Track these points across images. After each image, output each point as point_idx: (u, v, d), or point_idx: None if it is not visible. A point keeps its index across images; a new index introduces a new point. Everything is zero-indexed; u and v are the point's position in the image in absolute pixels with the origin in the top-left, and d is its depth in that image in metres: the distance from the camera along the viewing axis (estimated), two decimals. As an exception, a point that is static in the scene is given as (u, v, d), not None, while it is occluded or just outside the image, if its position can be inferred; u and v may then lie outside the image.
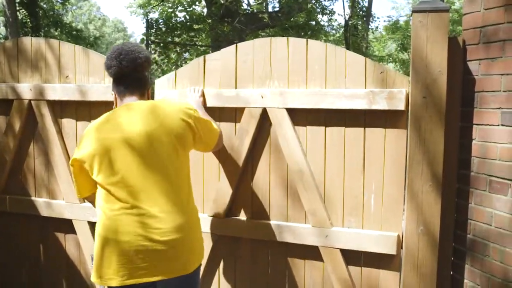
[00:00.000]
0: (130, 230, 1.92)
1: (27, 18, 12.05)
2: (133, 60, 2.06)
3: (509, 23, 2.00)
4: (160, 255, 1.92)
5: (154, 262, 1.92)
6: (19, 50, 2.95)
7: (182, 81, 2.63)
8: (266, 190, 2.52)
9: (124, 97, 2.10)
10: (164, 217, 1.93)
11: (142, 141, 1.96)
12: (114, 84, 2.13)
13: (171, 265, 1.94)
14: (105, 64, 2.11)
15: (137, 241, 1.91)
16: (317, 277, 2.50)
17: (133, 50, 2.08)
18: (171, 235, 1.93)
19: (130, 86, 2.09)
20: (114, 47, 2.13)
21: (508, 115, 2.02)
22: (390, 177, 2.32)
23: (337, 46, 2.38)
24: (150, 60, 2.16)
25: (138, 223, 1.92)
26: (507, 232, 2.05)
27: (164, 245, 1.92)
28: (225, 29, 10.24)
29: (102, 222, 1.99)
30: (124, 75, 2.08)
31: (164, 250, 1.92)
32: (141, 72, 2.12)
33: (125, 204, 1.94)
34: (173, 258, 1.94)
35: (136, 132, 1.97)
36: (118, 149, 1.96)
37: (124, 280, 1.92)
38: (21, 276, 3.10)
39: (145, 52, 2.12)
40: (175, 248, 1.93)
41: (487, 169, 2.13)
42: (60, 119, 2.90)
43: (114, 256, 1.93)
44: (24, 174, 3.03)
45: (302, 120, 2.41)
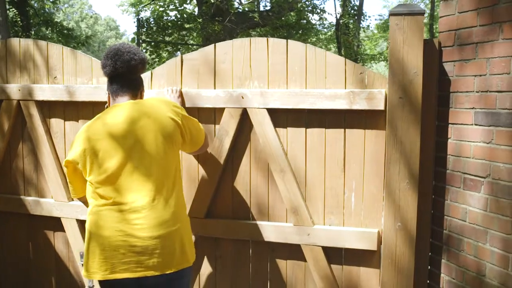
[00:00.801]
0: (111, 225, 1.99)
1: (17, 17, 12.01)
2: (127, 61, 2.11)
3: (481, 26, 2.07)
4: (141, 251, 1.96)
5: (135, 258, 1.97)
6: (7, 51, 2.99)
7: (159, 81, 2.66)
8: (247, 190, 2.57)
9: (116, 96, 2.16)
10: (146, 213, 1.98)
11: (128, 140, 2.02)
12: (108, 83, 2.19)
13: (153, 262, 1.97)
14: (101, 62, 2.18)
15: (118, 236, 1.97)
16: (299, 275, 2.56)
17: (129, 51, 2.14)
18: (152, 232, 1.97)
19: (123, 87, 2.15)
20: (111, 47, 2.19)
21: (480, 114, 2.10)
22: (370, 176, 2.39)
23: (317, 47, 2.44)
24: (145, 63, 2.20)
25: (120, 219, 1.98)
26: (480, 228, 2.12)
27: (144, 241, 1.96)
28: (216, 28, 10.28)
29: (88, 217, 2.07)
30: (118, 76, 2.14)
31: (144, 246, 1.96)
32: (134, 73, 2.17)
33: (108, 200, 2.01)
34: (154, 255, 1.97)
35: (123, 131, 2.03)
36: (105, 148, 2.03)
37: (107, 274, 1.99)
38: (11, 273, 3.14)
39: (140, 55, 2.17)
40: (156, 245, 1.97)
41: (461, 167, 2.21)
42: (49, 119, 2.95)
43: (98, 250, 2.00)
44: (14, 173, 3.07)
45: (283, 120, 2.47)
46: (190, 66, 2.59)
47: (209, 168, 2.58)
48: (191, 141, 2.24)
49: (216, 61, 2.54)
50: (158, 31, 11.88)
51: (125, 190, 2.00)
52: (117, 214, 1.99)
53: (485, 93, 2.07)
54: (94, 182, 2.04)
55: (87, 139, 2.06)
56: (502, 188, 2.01)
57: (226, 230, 2.60)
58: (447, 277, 2.32)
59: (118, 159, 2.01)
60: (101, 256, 1.99)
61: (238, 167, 2.57)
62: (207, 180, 2.58)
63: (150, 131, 2.04)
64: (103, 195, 2.03)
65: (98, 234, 2.01)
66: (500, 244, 2.03)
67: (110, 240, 1.98)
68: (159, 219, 2.00)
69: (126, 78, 2.15)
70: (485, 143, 2.08)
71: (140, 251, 1.97)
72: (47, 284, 3.06)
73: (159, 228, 1.99)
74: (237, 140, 2.55)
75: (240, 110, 2.48)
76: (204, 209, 2.60)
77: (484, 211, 2.10)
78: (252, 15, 10.82)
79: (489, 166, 2.07)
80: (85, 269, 2.05)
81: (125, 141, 2.02)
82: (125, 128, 2.03)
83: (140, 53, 2.19)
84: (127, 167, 2.01)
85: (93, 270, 2.01)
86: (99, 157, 2.03)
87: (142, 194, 2.00)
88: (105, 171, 2.01)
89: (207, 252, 2.69)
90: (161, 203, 2.02)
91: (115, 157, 2.01)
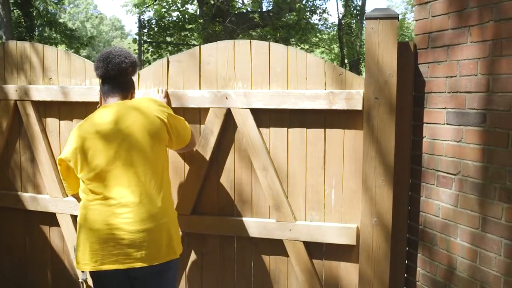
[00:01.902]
0: (101, 219, 2.10)
1: (21, 18, 12.18)
2: (118, 64, 2.24)
3: (452, 29, 2.16)
4: (129, 243, 2.08)
5: (123, 250, 2.08)
6: (5, 53, 3.11)
7: (146, 82, 2.76)
8: (232, 188, 2.67)
9: (107, 97, 2.28)
10: (134, 208, 2.09)
11: (116, 138, 2.14)
12: (100, 85, 2.32)
13: (140, 254, 2.09)
14: (94, 65, 2.30)
15: (107, 230, 2.09)
16: (282, 270, 2.66)
17: (120, 55, 2.26)
18: (139, 225, 2.08)
19: (113, 88, 2.27)
20: (104, 50, 2.32)
21: (451, 114, 2.19)
22: (349, 173, 2.49)
23: (299, 49, 2.54)
24: (135, 66, 2.33)
25: (109, 213, 2.10)
26: (451, 223, 2.22)
27: (132, 234, 2.08)
28: (217, 28, 10.39)
29: (79, 211, 2.20)
30: (110, 78, 2.27)
31: (132, 239, 2.08)
32: (125, 76, 2.30)
33: (98, 195, 2.13)
34: (142, 247, 2.08)
35: (110, 130, 2.15)
36: (94, 146, 2.15)
37: (97, 265, 2.10)
38: (8, 266, 3.26)
39: (131, 58, 2.30)
40: (144, 238, 2.09)
41: (435, 164, 2.30)
42: (44, 119, 3.06)
43: (88, 243, 2.12)
44: (11, 170, 3.19)
45: (266, 120, 2.57)
46: (176, 67, 2.69)
47: (195, 166, 2.68)
48: (178, 139, 2.34)
49: (202, 62, 2.64)
50: (159, 32, 12.01)
51: (114, 187, 2.12)
52: (106, 209, 2.11)
53: (456, 93, 2.16)
54: (85, 179, 2.16)
55: (77, 138, 2.19)
56: (471, 184, 2.10)
57: (212, 226, 2.70)
58: (422, 271, 2.41)
59: (107, 157, 2.12)
60: (92, 248, 2.11)
61: (223, 165, 2.68)
62: (193, 177, 2.69)
63: (137, 130, 2.15)
64: (94, 190, 2.14)
65: (88, 227, 2.13)
66: (469, 238, 2.12)
67: (99, 233, 2.10)
68: (146, 214, 2.10)
69: (117, 80, 2.28)
70: (456, 142, 2.17)
71: (128, 244, 2.08)
72: (43, 277, 3.18)
73: (146, 222, 2.10)
74: (221, 139, 2.65)
75: (225, 110, 2.58)
76: (190, 206, 2.70)
77: (455, 207, 2.19)
78: (252, 16, 10.92)
79: (459, 164, 2.16)
80: (77, 261, 2.17)
81: (113, 139, 2.14)
82: (113, 127, 2.15)
83: (130, 57, 2.31)
84: (115, 165, 2.12)
85: (84, 261, 2.13)
86: (88, 155, 2.14)
87: (130, 190, 2.11)
88: (94, 169, 2.13)
89: (193, 248, 2.79)
90: (149, 198, 2.12)
91: (103, 155, 2.13)
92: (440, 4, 2.22)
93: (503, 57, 1.91)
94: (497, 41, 1.94)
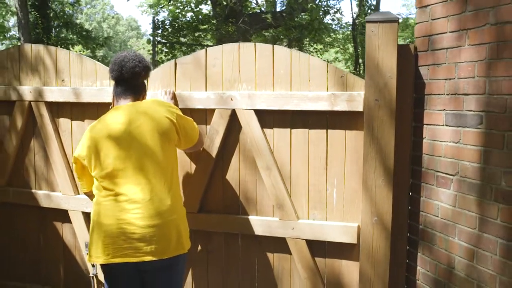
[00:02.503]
0: (112, 214, 2.21)
1: (38, 20, 12.43)
2: (132, 68, 2.35)
3: (450, 33, 2.20)
4: (139, 238, 2.18)
5: (134, 244, 2.18)
6: (20, 55, 3.23)
7: (154, 83, 2.84)
8: (236, 186, 2.74)
9: (120, 99, 2.39)
10: (144, 204, 2.19)
11: (127, 139, 2.24)
12: (114, 86, 2.43)
13: (150, 248, 2.18)
14: (109, 67, 2.42)
15: (119, 225, 2.19)
16: (285, 267, 2.72)
17: (134, 59, 2.37)
18: (149, 221, 2.18)
19: (126, 91, 2.39)
20: (119, 53, 2.44)
21: (450, 116, 2.22)
22: (351, 173, 2.54)
23: (301, 52, 2.60)
24: (148, 71, 2.45)
25: (121, 208, 2.21)
26: (450, 223, 2.25)
27: (143, 229, 2.18)
28: (230, 29, 10.47)
29: (93, 208, 2.32)
30: (123, 80, 2.38)
31: (142, 233, 2.18)
32: (137, 80, 2.41)
33: (111, 191, 2.24)
34: (152, 242, 2.18)
35: (122, 131, 2.26)
36: (106, 146, 2.26)
37: (109, 258, 2.22)
38: (22, 260, 3.38)
39: (144, 63, 2.41)
40: (153, 233, 2.18)
41: (434, 165, 2.33)
42: (57, 119, 3.17)
43: (101, 237, 2.23)
44: (26, 168, 3.31)
45: (269, 121, 2.63)
46: (183, 69, 2.77)
47: (201, 165, 2.76)
48: (186, 139, 2.43)
49: (207, 65, 2.71)
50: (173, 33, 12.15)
51: (125, 184, 2.22)
52: (117, 204, 2.21)
53: (454, 95, 2.19)
54: (98, 177, 2.28)
55: (90, 138, 2.31)
56: (468, 185, 2.13)
57: (217, 224, 2.78)
58: (422, 270, 2.45)
59: (118, 158, 2.23)
60: (104, 242, 2.22)
61: (228, 165, 2.75)
62: (199, 177, 2.77)
63: (147, 130, 2.25)
64: (106, 187, 2.26)
65: (101, 222, 2.23)
66: (467, 238, 2.16)
67: (111, 228, 2.20)
68: (155, 211, 2.20)
69: (129, 83, 2.38)
70: (454, 143, 2.20)
71: (138, 238, 2.18)
72: (56, 272, 3.29)
73: (155, 218, 2.19)
74: (226, 140, 2.72)
75: (229, 111, 2.66)
76: (197, 204, 2.78)
77: (453, 207, 2.23)
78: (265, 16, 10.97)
79: (457, 165, 2.19)
80: (89, 254, 2.28)
81: (124, 141, 2.24)
82: (124, 129, 2.25)
83: (144, 61, 2.42)
84: (126, 165, 2.22)
85: (97, 255, 2.24)
86: (101, 155, 2.26)
87: (140, 188, 2.21)
88: (106, 168, 2.24)
89: (199, 245, 2.87)
90: (158, 197, 2.22)
91: (115, 156, 2.23)
92: (440, 8, 2.25)
93: (499, 60, 1.95)
94: (494, 44, 1.97)
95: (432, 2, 2.30)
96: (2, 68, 3.27)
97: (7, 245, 3.40)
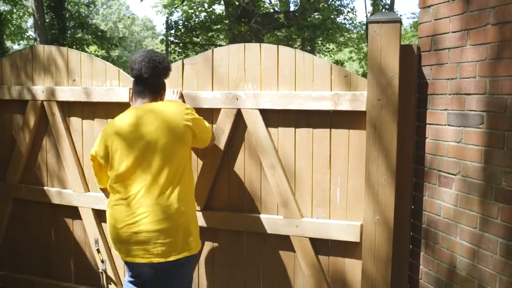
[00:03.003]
0: (121, 218, 2.30)
1: (54, 21, 12.65)
2: (152, 68, 2.39)
3: (453, 33, 2.21)
4: (146, 241, 2.26)
5: (142, 246, 2.27)
6: (33, 56, 3.32)
7: None
8: (241, 185, 2.78)
9: (138, 97, 2.46)
10: (151, 208, 2.26)
11: (140, 140, 2.30)
12: (133, 84, 2.49)
13: (157, 251, 2.26)
14: (129, 64, 2.48)
15: (127, 228, 2.28)
16: (289, 265, 2.75)
17: (155, 59, 2.42)
18: (156, 226, 2.25)
19: (145, 90, 2.45)
20: (141, 51, 2.48)
21: (452, 115, 2.23)
22: (354, 172, 2.56)
23: (305, 52, 2.63)
24: (168, 71, 2.49)
25: (129, 213, 2.28)
26: (451, 222, 2.26)
27: (149, 233, 2.25)
28: (242, 29, 10.53)
29: (107, 210, 2.42)
30: (142, 79, 2.43)
31: (149, 237, 2.25)
32: (157, 80, 2.46)
33: (122, 195, 2.32)
34: (158, 244, 2.26)
35: (135, 132, 2.32)
36: (119, 147, 2.33)
37: (124, 257, 2.35)
38: (34, 256, 3.47)
39: (165, 63, 2.45)
40: (159, 236, 2.26)
41: (437, 164, 2.35)
42: (68, 118, 3.25)
43: (114, 239, 2.36)
44: (38, 166, 3.40)
45: (274, 120, 2.67)
46: (191, 69, 2.82)
47: (207, 163, 2.81)
48: (200, 141, 2.51)
49: (214, 65, 2.76)
50: (186, 33, 12.25)
51: (134, 187, 2.29)
52: (126, 209, 2.29)
53: (456, 95, 2.20)
54: (111, 177, 2.36)
55: (105, 137, 2.39)
56: (470, 184, 2.14)
57: (223, 222, 2.82)
58: (425, 269, 2.46)
59: (130, 160, 2.29)
60: (117, 244, 2.35)
61: (233, 163, 2.79)
62: (205, 175, 2.81)
63: (161, 133, 2.30)
64: (117, 189, 2.33)
65: (113, 225, 2.35)
66: (468, 237, 2.17)
67: (121, 231, 2.30)
68: (163, 215, 2.26)
69: (149, 83, 2.43)
70: (456, 143, 2.21)
71: (145, 241, 2.26)
72: (66, 267, 3.38)
73: (163, 222, 2.26)
74: (232, 138, 2.76)
75: (235, 110, 2.70)
76: (203, 201, 2.83)
77: (455, 206, 2.24)
78: (277, 16, 11.00)
79: (459, 164, 2.20)
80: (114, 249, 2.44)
81: (137, 143, 2.30)
82: (138, 130, 2.31)
83: (164, 62, 2.46)
84: (136, 167, 2.29)
85: (116, 253, 2.41)
86: (115, 156, 2.33)
87: (148, 192, 2.27)
88: (118, 169, 2.32)
89: (205, 242, 2.92)
90: (165, 200, 2.28)
91: (127, 158, 2.30)
92: (442, 8, 2.27)
93: (499, 60, 1.95)
94: (494, 44, 1.98)
95: (435, 2, 2.31)
96: (16, 69, 3.37)
97: (19, 240, 3.50)
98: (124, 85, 3.01)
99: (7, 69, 3.40)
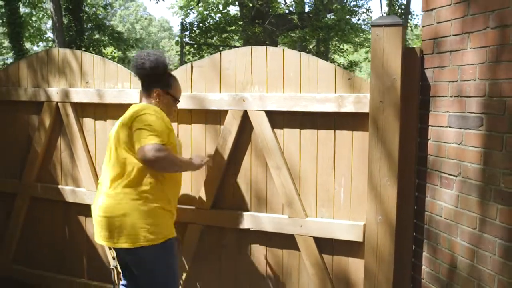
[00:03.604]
0: (95, 203, 2.53)
1: (71, 23, 12.90)
2: (140, 68, 2.52)
3: (454, 36, 2.24)
4: (104, 226, 2.43)
5: (104, 231, 2.44)
6: (48, 59, 3.43)
7: None
8: (248, 185, 2.85)
9: (140, 97, 2.67)
10: (105, 197, 2.45)
11: (111, 139, 2.51)
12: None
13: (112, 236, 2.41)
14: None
15: (95, 213, 2.50)
16: (294, 263, 2.81)
17: (143, 58, 2.52)
18: (105, 213, 2.42)
19: (142, 89, 2.63)
20: (137, 53, 2.63)
21: (453, 117, 2.26)
22: (357, 173, 2.60)
23: (310, 55, 2.68)
24: (156, 69, 2.51)
25: (98, 199, 2.51)
26: (452, 223, 2.29)
27: (102, 218, 2.43)
28: (256, 30, 10.59)
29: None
30: (140, 80, 2.60)
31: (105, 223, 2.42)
32: (146, 79, 2.56)
33: (99, 185, 2.58)
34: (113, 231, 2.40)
35: (113, 131, 2.53)
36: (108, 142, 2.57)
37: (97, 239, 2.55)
38: (48, 252, 3.59)
39: (152, 63, 2.49)
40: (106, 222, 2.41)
41: (439, 166, 2.37)
42: (82, 118, 3.36)
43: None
44: (53, 165, 3.51)
45: (280, 122, 2.73)
46: (199, 72, 2.90)
47: (215, 163, 2.87)
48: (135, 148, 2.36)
49: (222, 67, 2.83)
50: (200, 34, 12.37)
51: (101, 178, 2.56)
52: (98, 196, 2.54)
53: (457, 97, 2.23)
54: None
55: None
56: (470, 186, 2.17)
57: (230, 220, 2.89)
58: (427, 269, 2.49)
59: (106, 156, 2.55)
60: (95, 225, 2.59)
61: (240, 164, 2.86)
62: (212, 175, 2.89)
63: (116, 132, 2.48)
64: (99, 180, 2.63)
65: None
66: (468, 238, 2.19)
67: (94, 215, 2.53)
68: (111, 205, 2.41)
69: (143, 82, 2.59)
70: (457, 144, 2.24)
71: (104, 226, 2.44)
72: (79, 263, 3.48)
73: (109, 210, 2.41)
74: (239, 139, 2.83)
75: (242, 112, 2.77)
76: (210, 201, 2.90)
77: (455, 207, 2.26)
78: (291, 17, 11.04)
79: (459, 166, 2.23)
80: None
81: (111, 137, 2.52)
82: (114, 129, 2.53)
83: (153, 61, 2.51)
84: (107, 162, 2.52)
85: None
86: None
87: (106, 183, 2.48)
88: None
89: (213, 240, 2.99)
90: (115, 191, 2.42)
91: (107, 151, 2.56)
92: (444, 11, 2.29)
93: (498, 63, 1.98)
94: (494, 47, 2.00)
95: (437, 5, 2.34)
96: (33, 71, 3.49)
97: (35, 236, 3.62)
98: (135, 87, 3.10)
99: (24, 71, 3.52)
